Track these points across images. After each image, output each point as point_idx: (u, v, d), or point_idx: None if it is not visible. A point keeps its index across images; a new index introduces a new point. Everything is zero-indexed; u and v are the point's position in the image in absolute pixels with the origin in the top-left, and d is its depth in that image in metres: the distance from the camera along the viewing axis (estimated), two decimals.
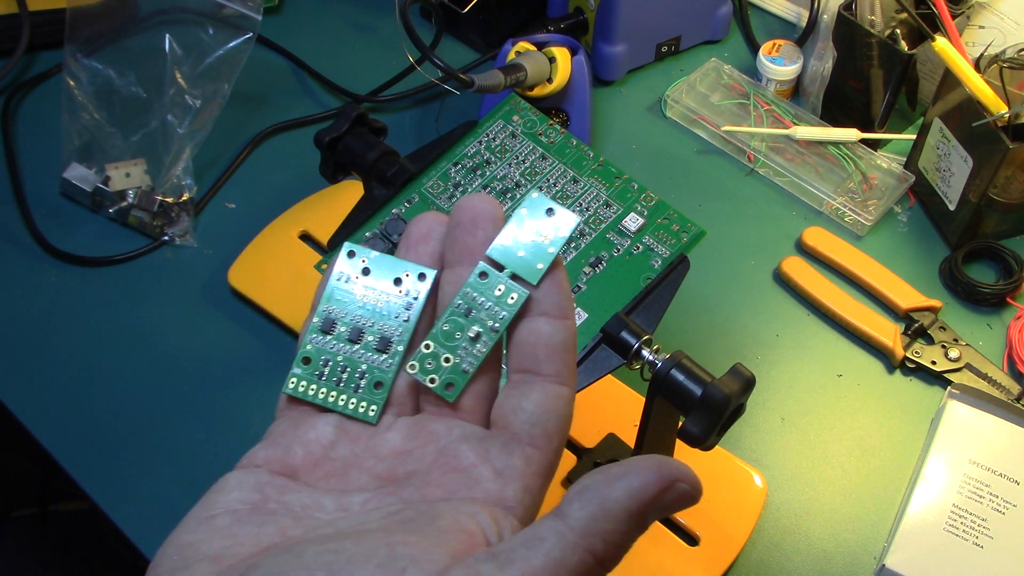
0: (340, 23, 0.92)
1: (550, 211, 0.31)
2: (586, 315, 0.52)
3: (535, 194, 0.32)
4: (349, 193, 0.73)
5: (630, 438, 0.61)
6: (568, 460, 0.61)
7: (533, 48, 0.75)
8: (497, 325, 0.31)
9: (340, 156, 0.58)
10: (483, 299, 0.31)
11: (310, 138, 0.59)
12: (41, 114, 0.83)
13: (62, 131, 0.76)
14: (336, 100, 0.86)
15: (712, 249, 0.75)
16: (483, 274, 0.31)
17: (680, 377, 0.48)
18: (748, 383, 0.48)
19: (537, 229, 0.31)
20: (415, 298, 0.33)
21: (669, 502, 0.27)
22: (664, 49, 0.88)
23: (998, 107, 0.68)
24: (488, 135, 0.59)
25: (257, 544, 0.28)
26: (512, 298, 0.31)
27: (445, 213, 0.34)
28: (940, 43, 0.69)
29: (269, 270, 0.71)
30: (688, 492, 0.27)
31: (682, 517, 0.60)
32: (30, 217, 0.75)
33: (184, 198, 0.75)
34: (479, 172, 0.57)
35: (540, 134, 0.59)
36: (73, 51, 0.77)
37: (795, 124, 0.80)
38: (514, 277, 0.31)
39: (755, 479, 0.62)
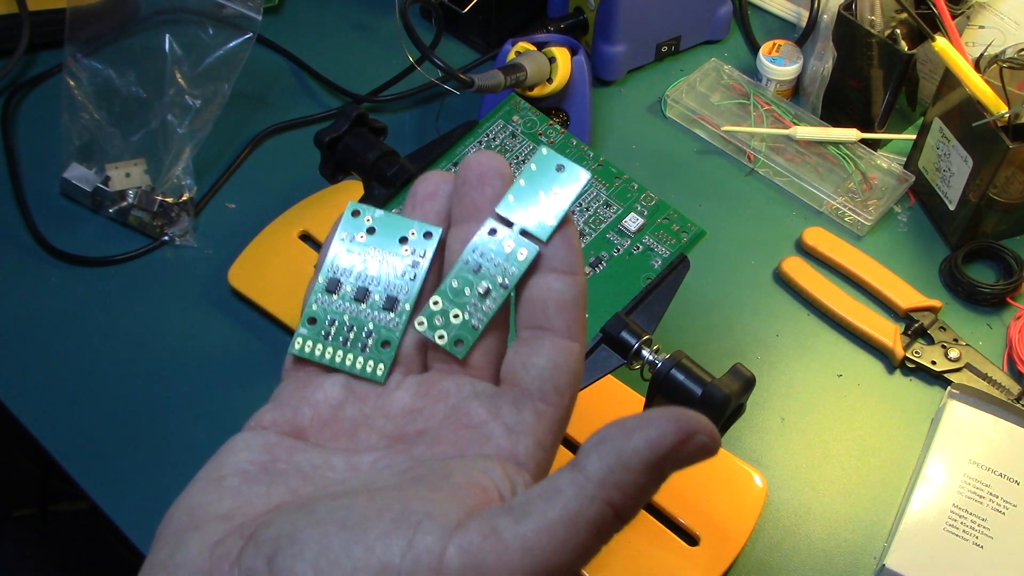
0: (340, 23, 0.92)
1: (560, 167, 0.31)
2: (586, 315, 0.52)
3: (544, 150, 0.31)
4: (349, 193, 0.73)
5: None
6: (568, 460, 0.61)
7: (533, 48, 0.75)
8: (507, 281, 0.31)
9: (340, 156, 0.58)
10: (492, 255, 0.31)
11: (310, 138, 0.59)
12: (41, 114, 0.83)
13: (62, 131, 0.76)
14: (336, 100, 0.86)
15: (712, 249, 0.75)
16: (492, 230, 0.31)
17: (680, 377, 0.48)
18: (748, 383, 0.48)
19: (547, 185, 0.31)
20: (422, 256, 0.32)
21: (687, 454, 0.26)
22: (664, 49, 0.88)
23: (998, 107, 0.68)
24: (488, 135, 0.59)
25: (267, 503, 0.28)
26: (522, 254, 0.30)
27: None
28: (940, 43, 0.69)
29: (269, 270, 0.71)
30: (706, 444, 0.26)
31: (682, 517, 0.60)
32: (30, 217, 0.75)
33: (184, 198, 0.75)
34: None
35: (540, 134, 0.59)
36: (73, 51, 0.77)
37: (795, 124, 0.80)
38: (524, 233, 0.31)
39: (755, 479, 0.62)
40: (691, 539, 0.60)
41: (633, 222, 0.55)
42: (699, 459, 0.26)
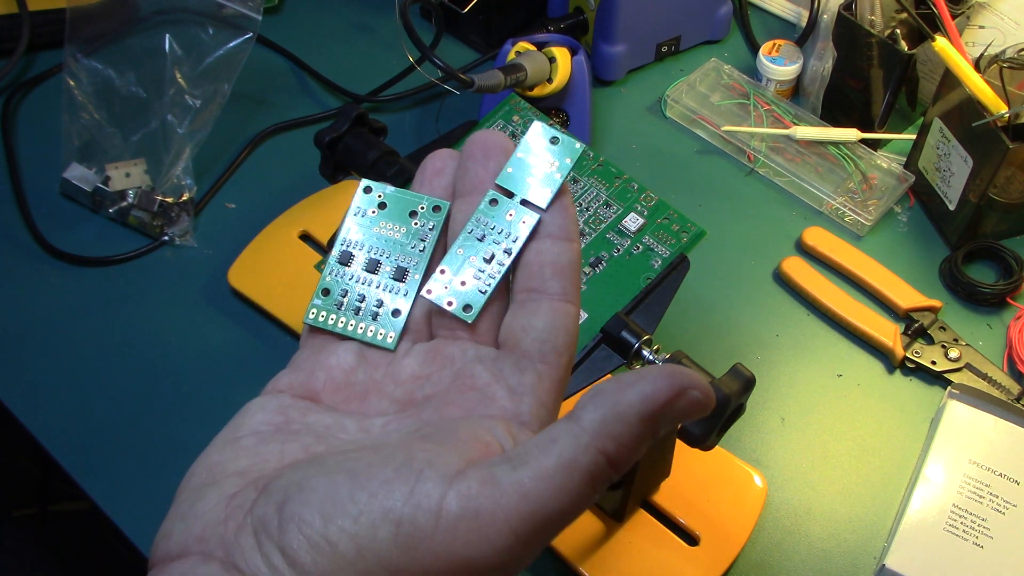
0: (340, 23, 0.92)
1: (554, 139, 0.33)
2: (586, 315, 0.52)
3: (538, 124, 0.33)
4: (349, 193, 0.73)
5: None
6: None
7: (533, 48, 0.75)
8: (510, 247, 0.32)
9: (340, 156, 0.58)
10: (495, 224, 0.32)
11: (310, 138, 0.59)
12: (41, 114, 0.83)
13: (62, 131, 0.76)
14: (336, 100, 0.86)
15: (712, 249, 0.75)
16: (494, 201, 0.32)
17: None
18: (748, 383, 0.48)
19: (543, 157, 0.33)
20: (430, 228, 0.34)
21: (681, 409, 0.27)
22: (664, 49, 0.88)
23: (998, 107, 0.68)
24: None
25: (281, 461, 0.29)
26: (524, 222, 0.32)
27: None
28: (940, 43, 0.69)
29: (269, 270, 0.71)
30: (699, 400, 0.27)
31: (682, 517, 0.60)
32: (30, 217, 0.75)
33: (184, 198, 0.75)
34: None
35: None
36: (73, 51, 0.77)
37: (795, 124, 0.80)
38: (524, 203, 0.32)
39: (755, 479, 0.62)
40: (691, 539, 0.60)
41: (633, 222, 0.55)
42: (693, 416, 0.27)
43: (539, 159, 0.33)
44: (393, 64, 0.85)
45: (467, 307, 0.32)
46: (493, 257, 0.32)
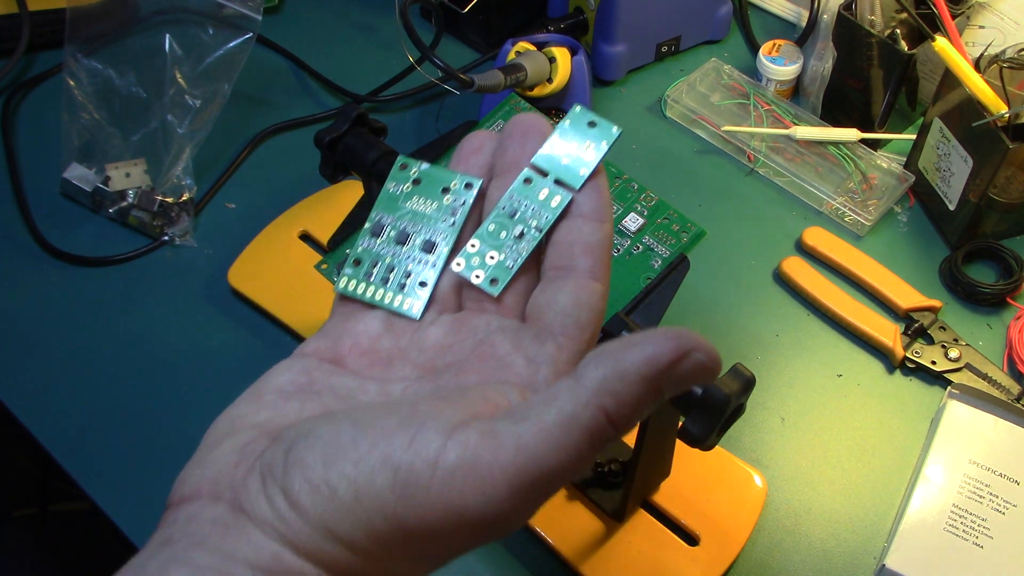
0: (340, 23, 0.92)
1: (592, 123, 0.34)
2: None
3: (578, 107, 0.34)
4: (349, 193, 0.73)
5: (630, 438, 0.61)
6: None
7: (533, 48, 0.75)
8: (541, 224, 0.33)
9: (340, 156, 0.58)
10: (527, 202, 0.33)
11: (310, 138, 0.59)
12: (41, 114, 0.83)
13: (62, 131, 0.76)
14: (336, 100, 0.86)
15: (712, 249, 0.75)
16: (528, 180, 0.33)
17: None
18: (748, 383, 0.48)
19: (580, 139, 0.33)
20: (462, 204, 0.34)
21: (684, 372, 0.27)
22: (664, 49, 0.88)
23: (998, 107, 0.68)
24: None
25: (299, 416, 0.30)
26: (556, 201, 0.33)
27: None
28: (940, 43, 0.69)
29: (269, 270, 0.71)
30: (703, 363, 0.27)
31: (682, 517, 0.60)
32: (30, 217, 0.75)
33: (184, 198, 0.75)
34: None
35: None
36: (73, 51, 0.77)
37: (795, 124, 0.80)
38: (557, 183, 0.33)
39: (755, 479, 0.62)
40: (691, 539, 0.60)
41: (633, 222, 0.55)
42: (699, 379, 0.27)
43: (576, 141, 0.33)
44: (393, 64, 0.85)
45: (494, 280, 0.33)
46: (523, 234, 0.33)
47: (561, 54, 0.75)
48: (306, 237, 0.74)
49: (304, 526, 0.26)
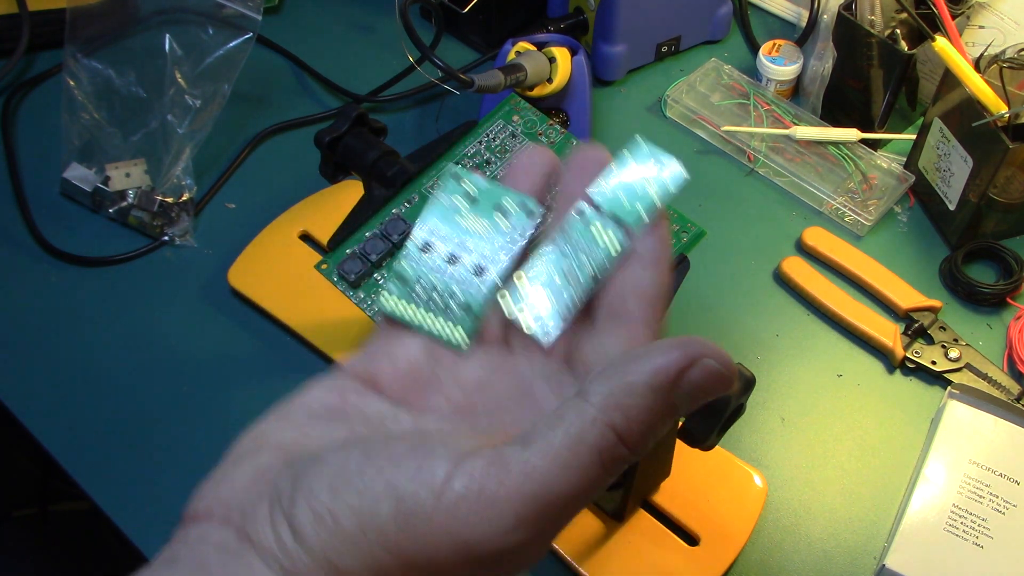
0: (340, 23, 0.92)
1: (655, 160, 0.31)
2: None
3: (641, 141, 0.31)
4: (349, 193, 0.73)
5: None
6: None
7: (533, 48, 0.75)
8: (597, 271, 0.31)
9: (340, 156, 0.58)
10: (585, 244, 0.31)
11: (310, 138, 0.59)
12: (41, 114, 0.83)
13: (62, 131, 0.76)
14: (336, 100, 0.86)
15: (712, 249, 0.75)
16: (583, 214, 0.31)
17: None
18: (748, 383, 0.48)
19: (642, 177, 0.31)
20: (520, 234, 0.32)
21: (697, 381, 0.26)
22: (664, 49, 0.88)
23: (998, 107, 0.68)
24: (488, 135, 0.59)
25: (323, 441, 0.29)
26: (614, 246, 0.31)
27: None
28: (940, 43, 0.69)
29: (269, 270, 0.71)
30: (716, 369, 0.26)
31: (682, 517, 0.60)
32: (30, 217, 0.75)
33: (184, 198, 0.75)
34: (479, 172, 0.57)
35: (540, 134, 0.59)
36: (73, 51, 0.77)
37: (795, 124, 0.80)
38: (616, 222, 0.31)
39: (755, 479, 0.62)
40: (691, 539, 0.60)
41: None
42: (713, 390, 0.26)
43: (637, 178, 0.31)
44: (393, 64, 0.85)
45: (545, 331, 0.31)
46: (576, 274, 0.31)
47: (561, 54, 0.75)
48: (306, 237, 0.74)
49: (307, 560, 0.25)
